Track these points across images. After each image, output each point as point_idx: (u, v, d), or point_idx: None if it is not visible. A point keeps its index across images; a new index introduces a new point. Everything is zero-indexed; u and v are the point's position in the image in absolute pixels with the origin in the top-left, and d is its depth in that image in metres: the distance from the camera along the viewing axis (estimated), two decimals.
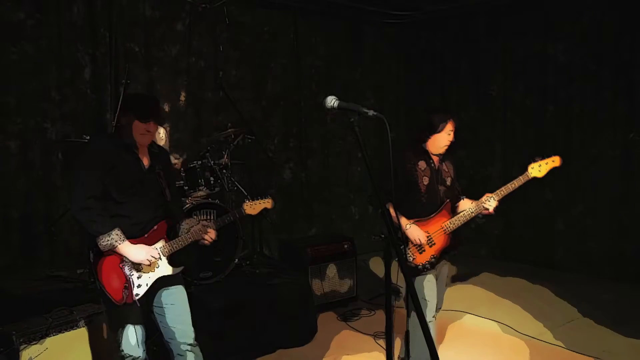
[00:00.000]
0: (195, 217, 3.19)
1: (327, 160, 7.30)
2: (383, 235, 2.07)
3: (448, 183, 3.46)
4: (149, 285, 2.88)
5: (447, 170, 3.49)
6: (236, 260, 4.57)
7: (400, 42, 7.88)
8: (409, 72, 7.92)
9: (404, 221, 3.29)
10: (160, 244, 2.95)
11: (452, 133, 3.37)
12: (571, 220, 6.22)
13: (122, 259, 2.81)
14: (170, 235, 3.01)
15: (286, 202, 6.84)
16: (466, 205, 3.42)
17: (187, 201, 4.51)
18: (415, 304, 2.11)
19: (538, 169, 3.32)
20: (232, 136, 5.18)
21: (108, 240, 2.72)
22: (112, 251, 2.77)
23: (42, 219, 5.14)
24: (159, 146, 3.14)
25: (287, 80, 6.85)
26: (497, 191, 3.36)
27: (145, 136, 2.90)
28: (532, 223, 6.54)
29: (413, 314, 3.38)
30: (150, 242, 2.91)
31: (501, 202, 3.42)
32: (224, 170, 4.90)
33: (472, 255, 6.83)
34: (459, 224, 3.35)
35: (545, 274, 5.97)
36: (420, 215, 3.35)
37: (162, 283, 2.96)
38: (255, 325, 4.13)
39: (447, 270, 3.62)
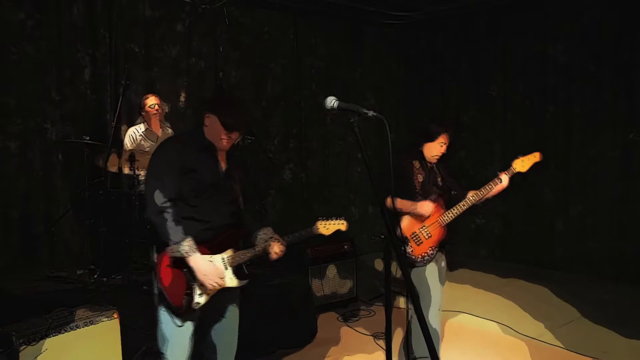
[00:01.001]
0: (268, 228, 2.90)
1: (327, 161, 7.30)
2: (383, 236, 2.07)
3: (440, 183, 3.59)
4: (210, 295, 2.71)
5: (438, 172, 3.63)
6: None
7: (400, 42, 7.88)
8: (409, 72, 7.92)
9: (408, 203, 3.40)
10: (227, 254, 2.77)
11: (444, 146, 3.49)
12: (571, 220, 6.21)
13: (187, 265, 2.62)
14: (240, 244, 2.82)
15: (286, 203, 6.84)
16: (473, 193, 3.50)
17: None
18: (414, 301, 2.11)
19: (521, 165, 3.49)
20: None
21: (178, 250, 2.56)
22: (179, 258, 2.61)
23: (42, 219, 5.15)
24: (240, 150, 2.98)
25: (287, 80, 6.85)
26: (507, 171, 3.51)
27: (225, 142, 2.69)
28: (532, 223, 6.54)
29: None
30: (217, 250, 2.74)
31: (501, 202, 3.47)
32: None
33: (472, 256, 6.83)
34: (454, 216, 3.44)
35: (545, 274, 5.96)
36: None
37: (222, 295, 2.78)
38: (255, 325, 4.13)
39: (445, 264, 3.65)
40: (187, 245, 2.57)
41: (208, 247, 2.69)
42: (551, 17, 6.26)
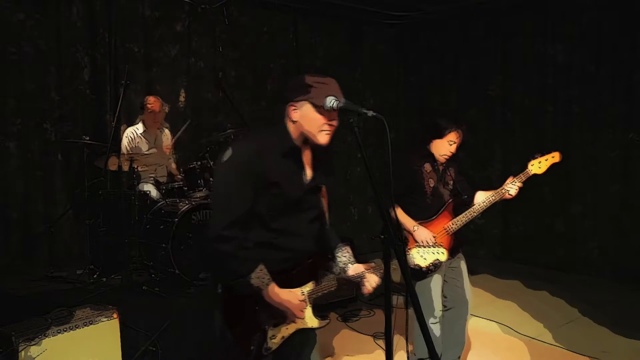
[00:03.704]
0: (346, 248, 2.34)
1: None
2: (382, 236, 2.06)
3: (450, 186, 3.43)
4: (284, 339, 2.20)
5: (450, 174, 3.46)
6: None
7: (400, 42, 7.88)
8: (408, 72, 7.91)
9: (410, 223, 3.25)
10: (308, 287, 2.22)
11: (454, 145, 3.28)
12: (571, 220, 6.21)
13: (258, 300, 2.12)
14: (320, 275, 2.28)
15: None
16: (482, 197, 3.33)
17: (186, 202, 4.52)
18: (414, 303, 2.11)
19: (538, 166, 3.26)
20: (232, 137, 5.18)
21: (249, 284, 2.04)
22: (250, 293, 2.10)
23: (42, 220, 5.15)
24: (322, 147, 2.17)
25: (287, 80, 6.84)
26: (517, 177, 3.25)
27: (326, 133, 2.11)
28: (532, 223, 6.54)
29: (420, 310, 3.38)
30: (297, 282, 2.21)
31: (501, 202, 3.41)
32: None
33: (471, 255, 6.81)
34: (464, 222, 3.29)
35: (545, 274, 5.96)
36: (424, 217, 3.31)
37: (300, 339, 2.27)
38: None
39: (465, 266, 3.57)
40: (256, 278, 2.04)
41: (285, 279, 2.15)
42: (551, 17, 6.26)
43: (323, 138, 2.10)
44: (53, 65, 5.19)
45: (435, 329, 3.43)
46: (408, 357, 3.48)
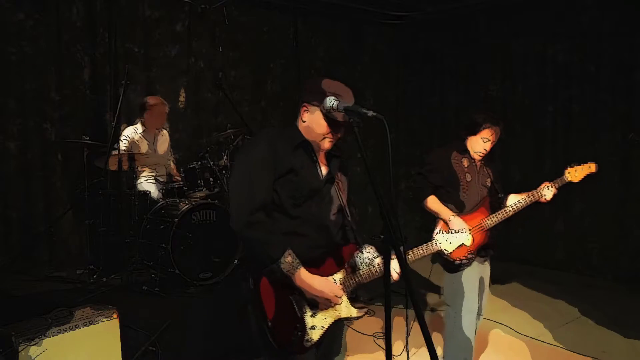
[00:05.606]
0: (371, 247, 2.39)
1: None
2: (382, 236, 2.06)
3: (488, 184, 3.39)
4: (324, 329, 2.20)
5: (487, 172, 3.42)
6: (236, 261, 4.57)
7: (399, 42, 7.88)
8: (408, 72, 7.91)
9: (447, 212, 3.21)
10: (339, 275, 2.27)
11: (488, 142, 3.26)
12: (571, 220, 6.21)
13: (294, 290, 2.14)
14: (348, 264, 2.35)
15: None
16: (515, 199, 3.33)
17: (186, 202, 4.52)
18: (413, 302, 2.10)
19: (574, 174, 3.34)
20: (232, 137, 5.19)
21: (279, 268, 2.06)
22: (282, 280, 2.10)
23: (42, 219, 5.14)
24: (337, 148, 2.38)
25: (287, 80, 6.85)
26: (553, 182, 3.33)
27: (328, 140, 2.26)
28: (532, 223, 6.53)
29: (449, 314, 3.34)
30: (327, 272, 2.25)
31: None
32: (224, 171, 4.90)
33: None
34: (500, 220, 3.27)
35: (545, 274, 5.96)
36: (459, 211, 3.29)
37: (336, 330, 2.31)
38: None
39: (489, 271, 3.51)
40: (286, 262, 2.06)
41: (316, 269, 2.19)
42: (551, 17, 6.26)
43: (326, 144, 2.25)
44: (53, 65, 5.18)
45: (470, 329, 3.29)
46: (408, 357, 3.49)
